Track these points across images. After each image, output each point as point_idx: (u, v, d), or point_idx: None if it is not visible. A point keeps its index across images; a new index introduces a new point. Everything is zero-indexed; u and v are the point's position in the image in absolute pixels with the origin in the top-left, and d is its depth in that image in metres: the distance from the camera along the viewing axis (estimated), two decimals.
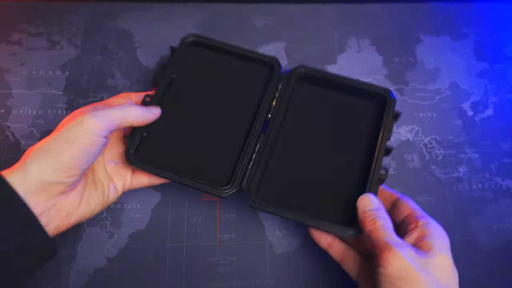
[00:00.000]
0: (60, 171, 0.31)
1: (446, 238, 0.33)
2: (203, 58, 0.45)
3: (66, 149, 0.31)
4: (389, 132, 0.38)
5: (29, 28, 0.53)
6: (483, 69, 0.52)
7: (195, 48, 0.45)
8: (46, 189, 0.31)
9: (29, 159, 0.31)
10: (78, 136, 0.32)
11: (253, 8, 0.55)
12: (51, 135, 0.33)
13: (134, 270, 0.40)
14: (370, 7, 0.56)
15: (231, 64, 0.44)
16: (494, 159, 0.46)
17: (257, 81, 0.43)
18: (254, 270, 0.41)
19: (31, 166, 0.31)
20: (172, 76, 0.42)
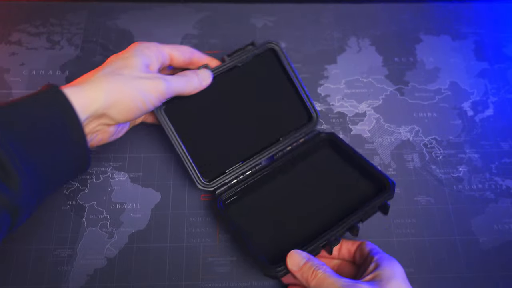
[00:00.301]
0: (123, 115, 0.35)
1: (398, 266, 0.33)
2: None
3: (139, 101, 0.35)
4: (366, 214, 0.38)
5: (29, 28, 0.53)
6: (483, 69, 0.52)
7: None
8: (102, 119, 0.35)
9: (106, 90, 0.34)
10: (152, 97, 0.36)
11: (253, 8, 0.55)
12: (130, 67, 0.36)
13: (134, 270, 0.40)
14: (370, 7, 0.56)
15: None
16: (494, 159, 0.46)
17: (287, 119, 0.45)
18: (253, 270, 0.41)
19: (104, 96, 0.34)
20: (238, 65, 0.44)
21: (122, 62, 0.36)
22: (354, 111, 0.49)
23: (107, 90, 0.34)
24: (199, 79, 0.41)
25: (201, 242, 0.42)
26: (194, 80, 0.40)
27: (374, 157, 0.46)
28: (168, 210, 0.43)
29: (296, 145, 0.44)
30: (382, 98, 0.50)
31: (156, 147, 0.46)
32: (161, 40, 0.52)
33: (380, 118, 0.48)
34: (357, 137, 0.47)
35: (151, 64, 0.38)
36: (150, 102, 0.36)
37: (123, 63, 0.36)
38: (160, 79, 0.37)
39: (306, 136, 0.44)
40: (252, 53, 0.44)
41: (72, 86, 0.33)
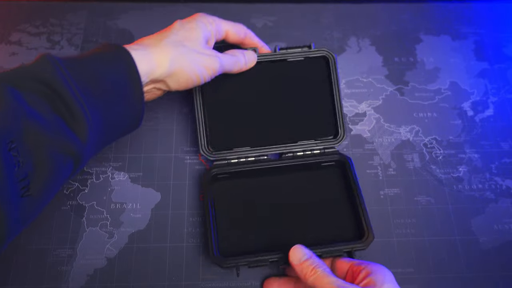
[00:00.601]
0: (179, 85, 0.38)
1: (388, 273, 0.33)
2: None
3: (196, 75, 0.37)
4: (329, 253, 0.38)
5: (29, 28, 0.53)
6: (483, 69, 0.52)
7: None
8: (158, 84, 0.37)
9: (170, 59, 0.36)
10: (206, 74, 0.38)
11: (253, 8, 0.55)
12: (194, 40, 0.38)
13: (134, 270, 0.40)
14: (370, 7, 0.56)
15: None
16: (494, 159, 0.46)
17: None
18: (253, 270, 0.40)
19: (168, 65, 0.36)
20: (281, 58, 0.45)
21: (187, 33, 0.38)
22: (354, 111, 0.49)
23: (171, 60, 0.36)
24: (246, 60, 0.42)
25: (201, 242, 0.42)
26: (241, 61, 0.42)
27: (374, 157, 0.46)
28: (168, 210, 0.43)
29: (309, 154, 0.44)
30: (382, 98, 0.50)
31: (156, 147, 0.46)
32: None
33: (380, 118, 0.48)
34: (357, 137, 0.47)
35: (209, 39, 0.40)
36: (203, 77, 0.38)
37: (187, 34, 0.38)
38: (216, 58, 0.38)
39: (323, 149, 0.44)
40: (306, 54, 0.44)
41: (140, 48, 0.36)
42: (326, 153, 0.44)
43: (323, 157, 0.43)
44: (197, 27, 0.39)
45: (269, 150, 0.44)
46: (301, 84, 0.45)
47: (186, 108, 0.48)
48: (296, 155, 0.44)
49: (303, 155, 0.44)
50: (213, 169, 0.42)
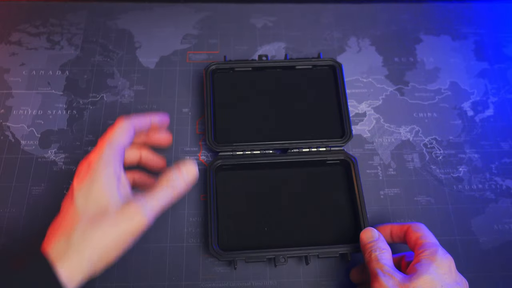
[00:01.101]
0: (104, 262, 0.31)
1: (438, 258, 0.33)
2: None
3: (122, 248, 0.32)
4: (324, 254, 0.39)
5: (29, 28, 0.53)
6: (483, 69, 0.52)
7: None
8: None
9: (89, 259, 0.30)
10: (134, 237, 0.32)
11: (253, 8, 0.55)
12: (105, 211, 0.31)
13: (134, 270, 0.40)
14: (370, 7, 0.56)
15: None
16: (494, 159, 0.46)
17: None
18: (253, 270, 0.41)
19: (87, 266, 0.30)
20: None
21: (94, 205, 0.31)
22: (354, 111, 0.49)
23: (90, 260, 0.30)
24: (184, 179, 0.35)
25: (201, 242, 0.42)
26: (180, 184, 0.35)
27: (374, 157, 0.46)
28: (168, 210, 0.43)
29: (314, 151, 0.44)
30: (382, 98, 0.50)
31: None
32: (161, 40, 0.52)
33: (380, 118, 0.48)
34: (357, 137, 0.47)
35: (121, 177, 0.34)
36: (132, 241, 0.32)
37: (95, 206, 0.31)
38: (140, 214, 0.32)
39: (330, 148, 0.44)
40: (314, 62, 0.48)
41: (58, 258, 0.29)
42: (332, 152, 0.44)
43: (328, 155, 0.44)
44: (102, 179, 0.32)
45: (275, 143, 0.44)
46: (308, 89, 0.47)
47: (186, 108, 0.48)
48: (302, 151, 0.44)
49: (308, 151, 0.44)
50: (218, 160, 0.43)
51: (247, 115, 0.46)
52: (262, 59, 0.48)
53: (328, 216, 0.42)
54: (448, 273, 0.32)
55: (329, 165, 0.44)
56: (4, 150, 0.45)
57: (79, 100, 0.48)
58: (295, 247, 0.39)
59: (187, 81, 0.50)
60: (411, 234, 0.36)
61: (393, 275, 0.32)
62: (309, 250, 0.38)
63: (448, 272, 0.32)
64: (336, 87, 0.47)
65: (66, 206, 0.32)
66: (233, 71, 0.47)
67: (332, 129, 0.45)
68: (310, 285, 0.40)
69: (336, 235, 0.41)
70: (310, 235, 0.41)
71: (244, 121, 0.45)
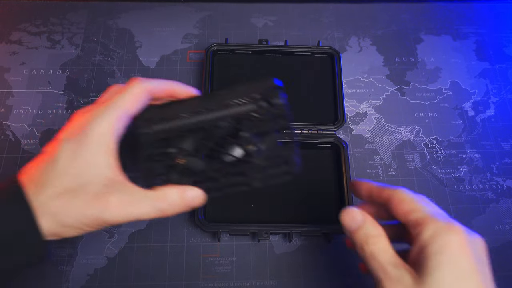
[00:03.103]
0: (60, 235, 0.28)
1: (443, 241, 0.26)
2: None
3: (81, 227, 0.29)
4: (306, 232, 0.40)
5: (29, 27, 0.53)
6: (484, 69, 0.52)
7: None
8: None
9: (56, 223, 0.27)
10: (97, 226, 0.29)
11: (254, 8, 0.55)
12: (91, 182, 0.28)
13: (134, 270, 0.40)
14: (371, 6, 0.56)
15: None
16: (495, 159, 0.46)
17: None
18: (254, 270, 0.40)
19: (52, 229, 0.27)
20: None
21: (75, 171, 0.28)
22: (355, 111, 0.49)
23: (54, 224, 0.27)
24: (184, 206, 0.30)
25: (201, 242, 0.42)
26: (175, 209, 0.30)
27: (375, 157, 0.46)
28: None
29: (306, 133, 0.45)
30: (383, 98, 0.50)
31: None
32: (162, 40, 0.52)
33: (381, 118, 0.48)
34: (358, 137, 0.47)
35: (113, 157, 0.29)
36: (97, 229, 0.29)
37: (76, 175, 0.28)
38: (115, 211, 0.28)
39: (322, 131, 0.45)
40: (313, 49, 0.49)
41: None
42: (324, 135, 0.45)
43: (320, 138, 0.45)
44: (91, 147, 0.28)
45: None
46: (306, 75, 0.48)
47: None
48: (296, 133, 0.45)
49: (300, 133, 0.45)
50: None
51: None
52: (263, 43, 0.49)
53: (315, 197, 0.43)
54: (463, 258, 0.25)
55: (320, 148, 0.45)
56: (4, 149, 0.45)
57: (80, 99, 0.48)
58: (273, 225, 0.40)
59: (187, 80, 0.50)
60: (397, 207, 0.29)
61: (400, 280, 0.26)
62: (292, 227, 0.40)
63: (462, 258, 0.25)
64: (333, 75, 0.48)
65: (47, 153, 0.28)
66: (233, 53, 0.49)
67: (326, 114, 0.46)
68: (310, 285, 0.40)
69: (322, 214, 0.42)
70: (296, 214, 0.42)
71: None
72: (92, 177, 0.28)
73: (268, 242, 0.42)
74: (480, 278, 0.25)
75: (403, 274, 0.26)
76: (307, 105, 0.47)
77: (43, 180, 0.27)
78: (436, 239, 0.26)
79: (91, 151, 0.28)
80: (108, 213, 0.28)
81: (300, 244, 0.42)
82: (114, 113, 0.29)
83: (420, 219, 0.27)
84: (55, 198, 0.27)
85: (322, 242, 0.41)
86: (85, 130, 0.28)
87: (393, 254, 0.27)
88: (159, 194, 0.29)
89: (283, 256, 0.41)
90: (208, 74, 0.46)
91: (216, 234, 0.40)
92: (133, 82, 0.30)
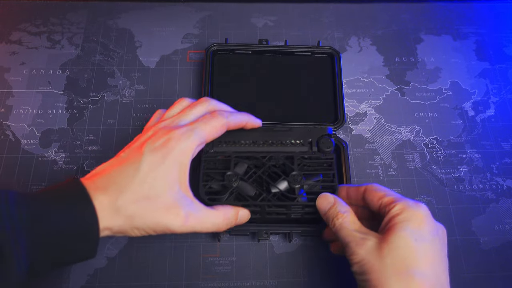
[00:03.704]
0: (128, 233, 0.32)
1: (409, 212, 0.31)
2: None
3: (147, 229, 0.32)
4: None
5: (29, 27, 0.53)
6: (484, 69, 0.52)
7: None
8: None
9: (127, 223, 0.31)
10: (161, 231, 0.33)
11: (254, 8, 0.55)
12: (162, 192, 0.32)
13: (134, 270, 0.40)
14: (371, 6, 0.56)
15: None
16: (495, 159, 0.46)
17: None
18: (254, 270, 0.40)
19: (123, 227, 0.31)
20: None
21: (153, 182, 0.31)
22: (355, 111, 0.49)
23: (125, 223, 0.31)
24: (235, 222, 0.36)
25: (201, 242, 0.42)
26: (227, 225, 0.35)
27: (375, 157, 0.46)
28: None
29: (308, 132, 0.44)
30: (383, 98, 0.50)
31: None
32: (162, 40, 0.52)
33: (381, 118, 0.48)
34: (357, 137, 0.47)
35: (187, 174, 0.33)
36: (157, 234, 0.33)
37: (153, 185, 0.31)
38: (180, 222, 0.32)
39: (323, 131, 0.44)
40: (313, 49, 0.49)
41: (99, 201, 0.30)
42: (325, 134, 0.43)
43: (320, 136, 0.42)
44: (171, 163, 0.32)
45: (268, 125, 0.43)
46: (306, 75, 0.48)
47: None
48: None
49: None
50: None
51: (243, 96, 0.47)
52: (263, 43, 0.49)
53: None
54: (424, 224, 0.30)
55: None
56: (4, 149, 0.45)
57: (80, 99, 0.48)
58: (279, 224, 0.40)
59: (187, 80, 0.50)
60: (371, 195, 0.34)
61: (364, 240, 0.31)
62: (292, 227, 0.40)
63: (423, 223, 0.30)
64: (333, 75, 0.48)
65: (129, 160, 0.32)
66: (233, 53, 0.49)
67: (326, 114, 0.46)
68: (310, 285, 0.40)
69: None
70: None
71: (240, 101, 0.45)
72: (167, 189, 0.31)
73: (268, 242, 0.42)
74: (435, 246, 0.30)
75: (368, 237, 0.31)
76: (307, 105, 0.47)
77: (124, 184, 0.31)
78: (404, 211, 0.31)
79: (170, 167, 0.32)
80: (176, 224, 0.32)
81: (300, 244, 0.42)
82: (196, 139, 0.33)
83: (392, 199, 0.32)
84: (133, 203, 0.30)
85: (322, 242, 0.41)
86: (169, 148, 0.32)
87: (359, 224, 0.33)
88: (219, 214, 0.34)
89: (283, 256, 0.41)
90: (208, 74, 0.46)
91: (216, 234, 0.40)
92: (219, 115, 0.35)
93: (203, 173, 0.38)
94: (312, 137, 0.40)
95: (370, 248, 0.30)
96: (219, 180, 0.37)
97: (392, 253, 0.29)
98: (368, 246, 0.30)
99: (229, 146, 0.39)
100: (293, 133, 0.40)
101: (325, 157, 0.39)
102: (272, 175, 0.39)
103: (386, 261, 0.29)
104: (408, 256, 0.29)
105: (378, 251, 0.30)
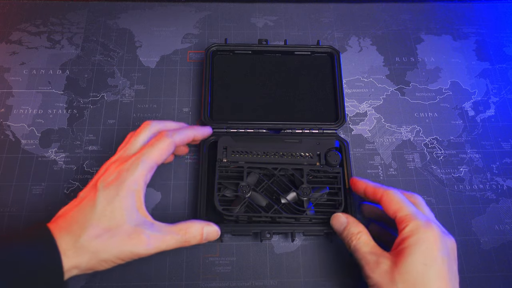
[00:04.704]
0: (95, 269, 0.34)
1: (419, 234, 0.32)
2: None
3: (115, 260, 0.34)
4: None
5: (29, 27, 0.53)
6: (485, 69, 0.52)
7: None
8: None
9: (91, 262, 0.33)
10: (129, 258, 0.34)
11: (254, 8, 0.55)
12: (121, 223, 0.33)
13: (134, 270, 0.40)
14: (371, 6, 0.56)
15: None
16: (495, 159, 0.46)
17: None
18: (254, 270, 0.40)
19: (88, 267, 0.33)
20: None
21: (112, 214, 0.33)
22: (355, 111, 0.49)
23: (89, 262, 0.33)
24: (202, 239, 0.37)
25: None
26: (194, 242, 0.36)
27: (375, 157, 0.46)
28: (168, 210, 0.43)
29: (307, 133, 0.44)
30: (383, 98, 0.50)
31: None
32: (162, 40, 0.52)
33: (381, 118, 0.48)
34: (358, 137, 0.47)
35: (143, 198, 0.35)
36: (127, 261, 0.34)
37: (113, 216, 0.33)
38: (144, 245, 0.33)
39: (322, 130, 0.45)
40: (312, 49, 0.49)
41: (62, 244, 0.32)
42: (325, 134, 0.44)
43: (321, 137, 0.44)
44: (125, 193, 0.34)
45: (269, 125, 0.45)
46: (306, 74, 0.48)
47: (187, 108, 0.48)
48: (295, 132, 0.44)
49: (301, 133, 0.44)
50: (212, 137, 0.43)
51: (244, 96, 0.47)
52: (262, 43, 0.49)
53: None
54: (433, 246, 0.32)
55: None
56: (4, 149, 0.45)
57: (80, 99, 0.48)
58: (281, 221, 0.40)
59: (187, 80, 0.50)
60: (387, 206, 0.35)
61: (378, 264, 0.32)
62: (294, 227, 0.40)
63: (432, 245, 0.32)
64: (333, 74, 0.48)
65: (86, 198, 0.34)
66: (233, 54, 0.49)
67: (326, 113, 0.46)
68: (310, 285, 0.40)
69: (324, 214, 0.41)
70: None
71: (241, 101, 0.46)
72: (126, 217, 0.33)
73: (268, 242, 0.42)
74: (444, 267, 0.31)
75: (381, 260, 0.33)
76: (308, 105, 0.47)
77: (84, 221, 0.33)
78: (414, 233, 0.32)
79: (125, 197, 0.33)
80: (140, 248, 0.33)
81: (300, 244, 0.42)
82: (145, 166, 0.35)
83: (404, 216, 0.34)
84: (95, 238, 0.32)
85: (323, 242, 0.42)
86: (120, 180, 0.34)
87: (373, 245, 0.34)
88: (180, 228, 0.35)
89: (283, 256, 0.41)
90: (208, 74, 0.46)
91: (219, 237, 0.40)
92: (163, 137, 0.36)
93: (217, 182, 0.40)
94: (320, 150, 0.42)
95: (383, 273, 0.32)
96: (232, 190, 0.41)
97: (403, 278, 0.31)
98: (381, 270, 0.32)
99: (241, 155, 0.42)
100: (302, 145, 0.43)
101: (333, 171, 0.42)
102: (282, 185, 0.41)
103: (398, 286, 0.31)
104: (417, 281, 0.31)
105: (390, 275, 0.32)
